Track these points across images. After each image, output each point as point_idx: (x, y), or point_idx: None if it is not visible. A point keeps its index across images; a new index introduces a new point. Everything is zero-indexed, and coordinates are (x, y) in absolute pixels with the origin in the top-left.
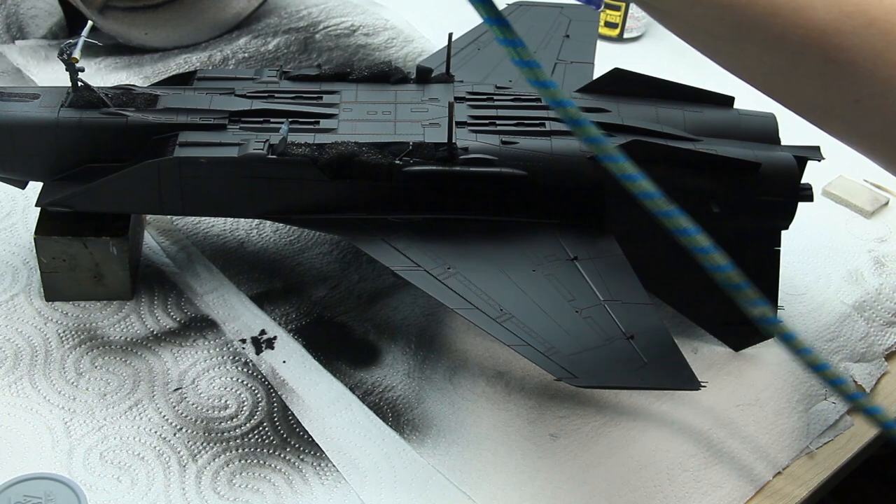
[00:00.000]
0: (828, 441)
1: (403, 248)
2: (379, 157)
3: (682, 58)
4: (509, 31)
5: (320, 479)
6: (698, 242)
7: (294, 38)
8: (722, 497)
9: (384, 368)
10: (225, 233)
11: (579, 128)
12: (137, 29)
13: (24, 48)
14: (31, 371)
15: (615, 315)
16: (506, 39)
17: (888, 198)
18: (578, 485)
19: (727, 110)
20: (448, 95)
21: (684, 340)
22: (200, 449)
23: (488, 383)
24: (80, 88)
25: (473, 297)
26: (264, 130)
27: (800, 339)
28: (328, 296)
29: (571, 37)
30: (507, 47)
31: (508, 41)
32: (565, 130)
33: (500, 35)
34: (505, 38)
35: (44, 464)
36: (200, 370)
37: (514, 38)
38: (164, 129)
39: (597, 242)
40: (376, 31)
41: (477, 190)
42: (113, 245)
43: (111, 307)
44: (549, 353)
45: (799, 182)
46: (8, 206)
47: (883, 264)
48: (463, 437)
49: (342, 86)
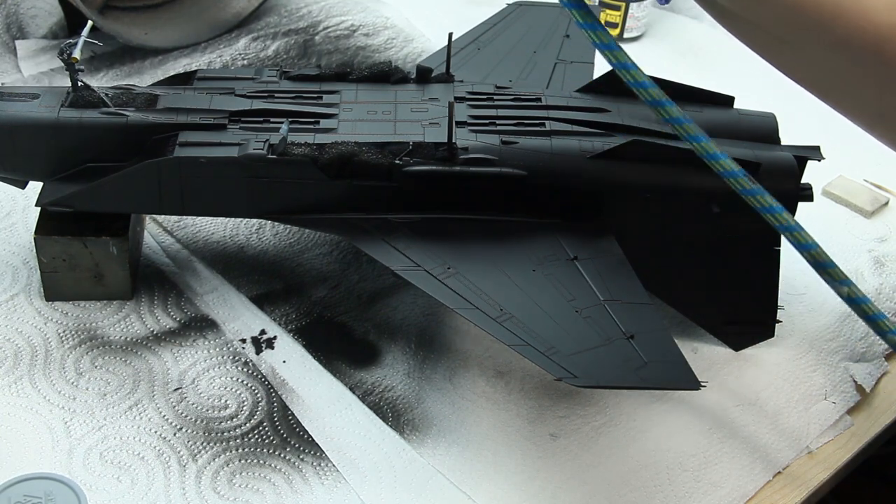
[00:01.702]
0: (828, 441)
1: (403, 248)
2: (379, 156)
3: (682, 58)
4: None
5: (320, 479)
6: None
7: (293, 41)
8: (722, 497)
9: (384, 368)
10: (225, 238)
11: (716, 162)
12: (137, 29)
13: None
14: (31, 371)
15: (615, 315)
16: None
17: (888, 198)
18: (578, 485)
19: (727, 110)
20: (448, 95)
21: (684, 340)
22: (200, 449)
23: (488, 383)
24: (80, 88)
25: (473, 296)
26: (264, 130)
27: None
28: (328, 296)
29: (571, 37)
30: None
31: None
32: (565, 130)
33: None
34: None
35: (44, 464)
36: (200, 370)
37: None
38: (164, 128)
39: (597, 242)
40: (376, 30)
41: (477, 190)
42: (113, 245)
43: (111, 307)
44: (549, 353)
45: (799, 182)
46: (8, 206)
47: (883, 264)
48: (463, 437)
49: (342, 86)
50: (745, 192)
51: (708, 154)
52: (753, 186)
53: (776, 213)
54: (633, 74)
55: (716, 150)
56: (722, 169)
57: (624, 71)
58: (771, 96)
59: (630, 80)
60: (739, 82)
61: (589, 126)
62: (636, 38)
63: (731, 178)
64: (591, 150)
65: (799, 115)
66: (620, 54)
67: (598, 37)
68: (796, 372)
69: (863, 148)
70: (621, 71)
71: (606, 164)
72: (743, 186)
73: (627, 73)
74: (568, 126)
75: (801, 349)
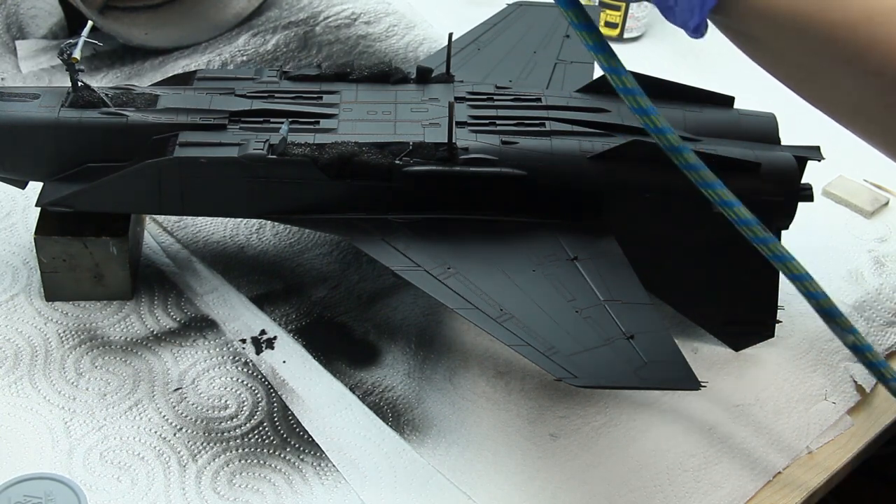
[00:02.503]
0: (828, 441)
1: (403, 248)
2: (379, 157)
3: (682, 58)
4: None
5: (320, 479)
6: (813, 288)
7: (294, 33)
8: (722, 497)
9: (384, 368)
10: (225, 238)
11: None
12: (137, 29)
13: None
14: (31, 371)
15: (615, 315)
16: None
17: (888, 198)
18: (578, 485)
19: (727, 110)
20: (448, 95)
21: (684, 340)
22: (200, 449)
23: (488, 383)
24: (80, 88)
25: (473, 297)
26: (264, 130)
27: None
28: (328, 296)
29: (571, 37)
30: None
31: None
32: (565, 130)
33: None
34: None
35: (44, 464)
36: (200, 370)
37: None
38: (164, 129)
39: (597, 242)
40: (378, 17)
41: (477, 190)
42: (113, 245)
43: (111, 307)
44: (549, 353)
45: (799, 182)
46: (8, 206)
47: (883, 264)
48: (463, 438)
49: (342, 86)
50: (757, 239)
51: (705, 184)
52: (766, 235)
53: (788, 260)
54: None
55: (714, 180)
56: (735, 217)
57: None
58: (771, 96)
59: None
60: (739, 82)
61: (589, 126)
62: (636, 39)
63: (745, 226)
64: (591, 150)
65: (799, 115)
66: (614, 60)
67: (588, 38)
68: (796, 372)
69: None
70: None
71: (606, 164)
72: (755, 235)
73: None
74: (568, 126)
75: (801, 349)
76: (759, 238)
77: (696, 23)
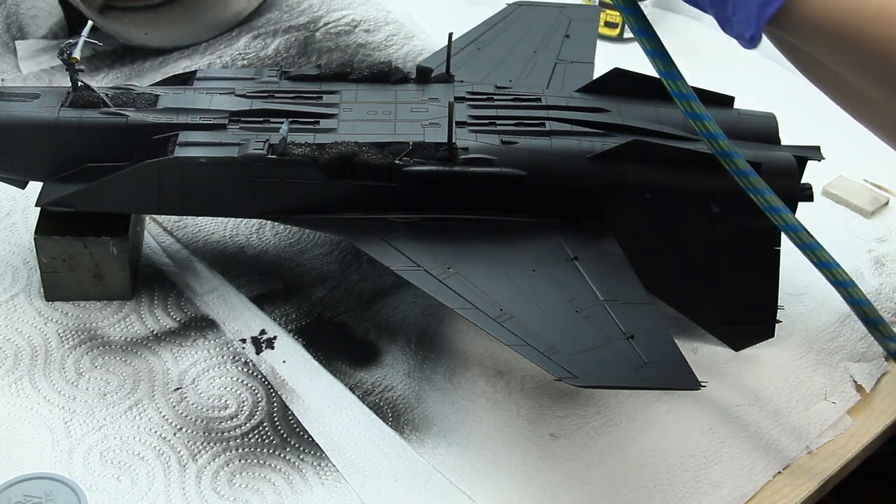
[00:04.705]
0: (828, 441)
1: (403, 248)
2: (379, 157)
3: (682, 58)
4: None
5: (320, 479)
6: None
7: (294, 38)
8: (722, 497)
9: (384, 368)
10: (225, 238)
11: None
12: (137, 29)
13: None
14: (31, 371)
15: (615, 315)
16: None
17: (888, 198)
18: (578, 485)
19: (727, 110)
20: (448, 95)
21: (684, 340)
22: (200, 449)
23: (488, 383)
24: (80, 88)
25: (473, 297)
26: (264, 130)
27: None
28: (328, 296)
29: (571, 37)
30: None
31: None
32: (565, 130)
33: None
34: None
35: (44, 464)
36: (200, 370)
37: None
38: (164, 129)
39: (597, 242)
40: (377, 26)
41: (477, 190)
42: (113, 245)
43: (111, 307)
44: (549, 353)
45: (799, 182)
46: (8, 206)
47: (883, 264)
48: (463, 437)
49: (342, 86)
50: (803, 245)
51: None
52: (812, 241)
53: (833, 267)
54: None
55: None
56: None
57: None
58: (771, 96)
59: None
60: (739, 82)
61: (589, 126)
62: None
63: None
64: (591, 150)
65: (799, 115)
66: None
67: (677, 87)
68: (796, 372)
69: (863, 148)
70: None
71: (606, 164)
72: (801, 241)
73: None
74: (568, 126)
75: (801, 349)
76: (804, 244)
77: (751, 33)
